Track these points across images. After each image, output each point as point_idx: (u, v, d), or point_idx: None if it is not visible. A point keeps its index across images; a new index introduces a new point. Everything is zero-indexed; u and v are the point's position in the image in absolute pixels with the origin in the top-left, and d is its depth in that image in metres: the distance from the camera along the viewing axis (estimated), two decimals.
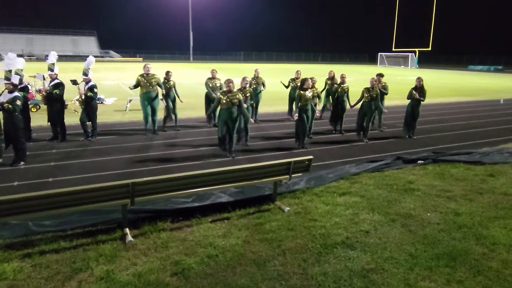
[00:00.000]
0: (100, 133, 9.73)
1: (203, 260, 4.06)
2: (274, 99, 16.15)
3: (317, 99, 9.38)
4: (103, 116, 12.21)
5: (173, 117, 10.54)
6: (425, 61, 70.94)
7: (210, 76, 10.75)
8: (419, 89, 9.74)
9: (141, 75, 9.48)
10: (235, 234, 4.67)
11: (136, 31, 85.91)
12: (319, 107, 10.73)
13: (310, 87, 8.71)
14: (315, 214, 5.25)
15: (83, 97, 8.93)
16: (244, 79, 8.70)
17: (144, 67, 9.62)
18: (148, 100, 9.54)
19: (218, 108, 7.93)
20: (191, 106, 14.17)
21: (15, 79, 7.29)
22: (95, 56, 10.12)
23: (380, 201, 5.75)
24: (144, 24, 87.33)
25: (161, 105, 10.39)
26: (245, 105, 8.12)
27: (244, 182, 5.35)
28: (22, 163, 7.09)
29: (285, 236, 4.62)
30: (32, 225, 4.60)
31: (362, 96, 9.34)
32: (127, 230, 4.59)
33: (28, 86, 9.17)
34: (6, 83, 6.99)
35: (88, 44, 76.97)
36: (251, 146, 8.95)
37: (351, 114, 11.20)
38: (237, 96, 7.70)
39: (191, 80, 25.25)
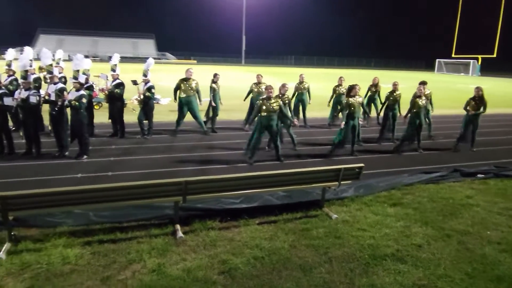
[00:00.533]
0: (155, 131, 10.20)
1: (250, 261, 4.11)
2: (323, 104, 15.95)
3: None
4: (159, 115, 12.75)
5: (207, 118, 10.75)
6: (488, 68, 66.34)
7: (256, 81, 10.87)
8: (478, 100, 9.13)
9: (183, 79, 9.82)
10: (282, 237, 4.68)
11: (191, 34, 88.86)
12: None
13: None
14: (364, 223, 5.12)
15: (141, 96, 9.41)
16: (283, 85, 8.67)
17: (187, 71, 9.96)
18: (187, 103, 9.84)
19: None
20: (235, 108, 14.37)
21: (82, 79, 7.86)
22: (153, 58, 10.60)
23: (434, 215, 5.47)
24: (199, 27, 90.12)
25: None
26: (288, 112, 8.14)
27: (293, 186, 5.36)
28: (85, 156, 7.63)
29: (332, 244, 4.55)
30: (92, 215, 4.93)
31: (413, 106, 8.83)
32: (178, 226, 4.77)
33: (93, 85, 9.84)
34: (74, 82, 7.56)
35: (147, 46, 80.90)
36: (299, 151, 8.91)
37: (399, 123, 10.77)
38: (277, 103, 7.69)
39: (241, 83, 25.65)
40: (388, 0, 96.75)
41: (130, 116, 11.69)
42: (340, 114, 8.77)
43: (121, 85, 9.36)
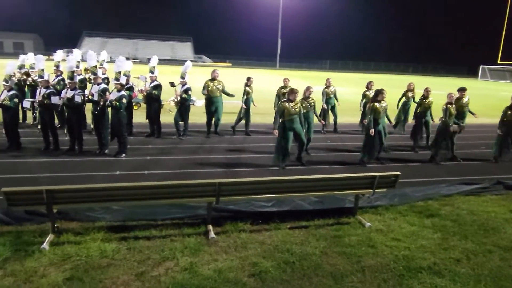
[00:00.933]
0: (190, 133, 10.41)
1: (280, 265, 4.11)
2: (357, 109, 15.67)
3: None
4: (194, 117, 13.00)
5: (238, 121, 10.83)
6: None
7: (283, 84, 10.87)
8: None
9: (210, 80, 10.00)
10: (313, 243, 4.63)
11: (227, 38, 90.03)
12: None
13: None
14: (399, 233, 4.98)
15: (178, 98, 9.65)
16: (307, 88, 8.58)
17: (213, 72, 10.12)
18: (213, 104, 10.00)
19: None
20: (269, 111, 14.39)
21: (123, 80, 8.16)
22: (190, 61, 10.84)
23: (474, 229, 5.23)
24: (235, 31, 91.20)
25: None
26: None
27: (325, 192, 5.30)
28: (123, 155, 7.91)
29: (365, 253, 4.45)
30: (129, 212, 5.11)
31: (447, 113, 8.43)
32: (210, 227, 4.85)
33: (133, 86, 10.19)
34: (115, 83, 7.87)
35: (184, 49, 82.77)
36: (325, 156, 8.82)
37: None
38: (299, 105, 7.62)
39: (275, 87, 25.66)
40: (429, 4, 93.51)
41: (167, 117, 12.00)
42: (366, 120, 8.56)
43: (158, 87, 9.64)
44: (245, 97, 10.53)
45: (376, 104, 7.99)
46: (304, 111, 8.08)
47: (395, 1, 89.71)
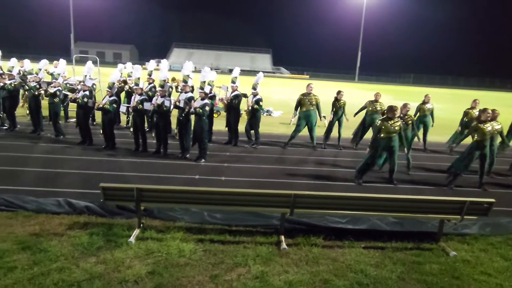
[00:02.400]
0: (264, 142, 10.60)
1: (353, 286, 3.95)
2: (445, 127, 14.57)
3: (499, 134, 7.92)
4: (269, 127, 13.26)
5: (329, 136, 10.65)
6: None
7: (373, 98, 10.50)
8: None
9: (303, 94, 10.00)
10: (389, 267, 4.39)
11: (306, 50, 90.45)
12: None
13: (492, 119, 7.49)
14: (490, 267, 4.48)
15: (250, 108, 9.90)
16: (405, 105, 8.13)
17: (308, 86, 10.12)
18: (306, 117, 9.95)
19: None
20: (352, 125, 14.02)
21: (207, 89, 8.63)
22: (268, 72, 11.16)
23: None
24: (314, 43, 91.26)
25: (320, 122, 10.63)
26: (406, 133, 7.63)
27: (405, 213, 5.00)
28: (203, 160, 8.32)
29: (449, 284, 4.09)
30: (206, 215, 5.34)
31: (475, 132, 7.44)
32: (282, 237, 4.86)
33: (215, 95, 10.70)
34: (200, 92, 8.34)
35: (263, 60, 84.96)
36: (414, 176, 8.29)
37: None
38: (398, 123, 7.25)
39: (353, 100, 25.03)
40: None
41: (244, 126, 12.35)
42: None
43: (238, 97, 9.99)
44: (332, 110, 10.42)
45: (481, 125, 7.32)
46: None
47: (487, 13, 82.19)
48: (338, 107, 10.39)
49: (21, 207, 5.27)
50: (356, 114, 10.85)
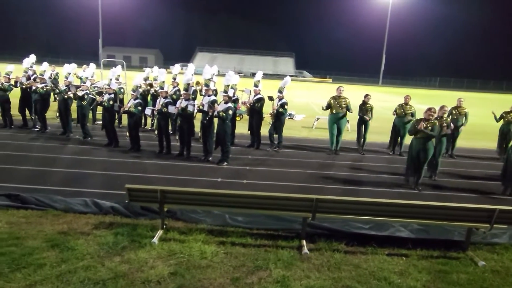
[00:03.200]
0: (287, 146, 10.57)
1: None
2: (475, 133, 14.12)
3: None
4: (292, 130, 13.22)
5: (361, 140, 10.53)
6: None
7: (403, 102, 10.31)
8: None
9: (333, 97, 9.89)
10: (414, 275, 4.28)
11: (329, 53, 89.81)
12: None
13: None
14: None
15: (274, 111, 9.90)
16: (442, 107, 7.94)
17: (337, 89, 10.00)
18: (336, 121, 9.85)
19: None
20: (376, 130, 13.81)
21: (230, 93, 8.69)
22: (290, 76, 11.08)
23: None
24: (337, 46, 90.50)
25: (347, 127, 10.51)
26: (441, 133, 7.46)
27: (431, 220, 4.87)
28: (225, 163, 8.38)
29: None
30: (228, 218, 5.37)
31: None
32: (304, 242, 4.83)
33: (238, 98, 10.77)
34: (223, 95, 8.41)
35: (286, 64, 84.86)
36: (440, 182, 8.06)
37: None
38: (434, 126, 7.10)
39: (378, 104, 24.67)
40: None
41: (266, 129, 12.38)
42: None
43: (261, 100, 10.02)
44: (360, 114, 10.33)
45: None
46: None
47: None
48: (365, 110, 10.26)
49: (51, 206, 5.46)
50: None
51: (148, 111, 9.47)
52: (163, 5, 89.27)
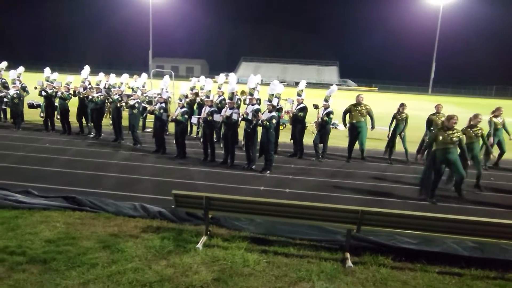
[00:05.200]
0: (330, 155, 10.41)
1: None
2: None
3: None
4: (335, 140, 12.99)
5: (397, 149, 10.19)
6: None
7: (435, 110, 9.92)
8: None
9: (353, 105, 9.83)
10: None
11: (374, 61, 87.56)
12: None
13: None
14: None
15: (319, 120, 9.81)
16: (475, 116, 7.48)
17: (358, 96, 9.96)
18: (356, 128, 9.88)
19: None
20: (418, 140, 13.21)
21: (274, 102, 8.75)
22: (335, 85, 10.97)
23: None
24: (382, 54, 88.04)
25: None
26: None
27: (486, 238, 4.57)
28: (268, 172, 8.42)
29: None
30: (271, 226, 5.37)
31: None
32: (348, 254, 4.71)
33: (281, 107, 10.82)
34: (268, 104, 8.49)
35: (330, 73, 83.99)
36: (487, 196, 7.56)
37: None
38: (457, 134, 6.67)
39: (425, 113, 23.59)
40: None
41: (309, 138, 12.28)
42: None
43: (304, 109, 9.99)
44: (393, 124, 10.02)
45: None
46: (468, 141, 7.19)
47: None
48: (399, 120, 9.90)
49: (103, 209, 5.77)
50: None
51: (194, 119, 9.75)
52: (209, 17, 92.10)
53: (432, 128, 9.69)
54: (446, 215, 4.67)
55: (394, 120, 10.01)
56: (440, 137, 6.74)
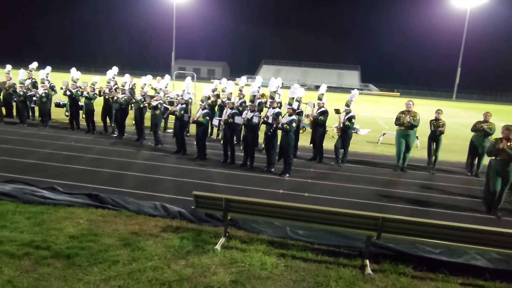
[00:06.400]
0: (350, 160, 10.30)
1: None
2: None
3: None
4: (356, 145, 12.84)
5: (433, 158, 9.92)
6: None
7: (482, 118, 9.54)
8: None
9: (402, 112, 9.49)
10: None
11: (396, 66, 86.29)
12: None
13: None
14: None
15: (341, 125, 9.72)
16: (507, 127, 7.25)
17: (407, 103, 9.60)
18: (405, 136, 9.42)
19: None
20: (449, 148, 12.91)
21: (295, 105, 8.74)
22: (356, 89, 10.85)
23: None
24: (406, 58, 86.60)
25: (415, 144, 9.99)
26: None
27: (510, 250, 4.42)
28: (287, 175, 8.40)
29: None
30: (289, 230, 5.36)
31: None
32: (367, 262, 4.65)
33: (302, 111, 10.77)
34: (288, 108, 8.47)
35: (351, 77, 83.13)
36: None
37: None
38: None
39: (451, 120, 23.03)
40: None
41: (329, 143, 12.19)
42: None
43: (325, 113, 9.92)
44: (431, 129, 9.80)
45: None
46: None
47: None
48: (436, 127, 9.67)
49: (125, 207, 5.89)
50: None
51: (215, 121, 9.84)
52: (230, 20, 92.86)
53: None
54: (469, 225, 4.54)
55: (432, 127, 9.77)
56: (499, 148, 6.55)
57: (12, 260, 4.23)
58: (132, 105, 12.27)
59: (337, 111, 10.21)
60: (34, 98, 13.21)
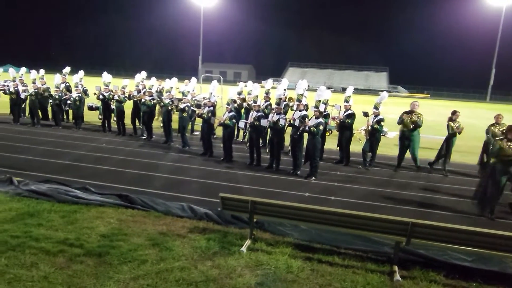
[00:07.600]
0: (378, 164, 10.10)
1: None
2: None
3: None
4: (384, 148, 12.56)
5: (446, 160, 9.64)
6: None
7: (494, 121, 9.23)
8: None
9: (406, 112, 9.52)
10: None
11: (426, 68, 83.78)
12: None
13: None
14: None
15: (369, 128, 9.56)
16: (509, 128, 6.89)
17: (412, 104, 9.63)
18: (407, 137, 9.51)
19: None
20: (473, 150, 12.41)
21: (321, 108, 8.67)
22: (383, 91, 10.66)
23: None
24: (436, 59, 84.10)
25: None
26: None
27: None
28: (313, 178, 8.34)
29: None
30: (315, 234, 5.32)
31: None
32: (396, 268, 4.54)
33: (328, 114, 10.68)
34: (315, 110, 8.43)
35: (379, 79, 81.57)
36: None
37: None
38: None
39: (484, 122, 22.13)
40: None
41: (355, 146, 12.00)
42: None
43: (352, 116, 9.80)
44: (449, 132, 9.54)
45: None
46: None
47: None
48: (450, 128, 9.38)
49: (153, 208, 6.03)
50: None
51: (241, 124, 9.91)
52: (257, 23, 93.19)
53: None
54: (505, 232, 4.35)
55: (449, 128, 9.50)
56: (502, 149, 6.35)
57: (48, 257, 4.42)
58: (161, 108, 12.54)
59: (366, 114, 10.06)
60: (68, 102, 13.75)
